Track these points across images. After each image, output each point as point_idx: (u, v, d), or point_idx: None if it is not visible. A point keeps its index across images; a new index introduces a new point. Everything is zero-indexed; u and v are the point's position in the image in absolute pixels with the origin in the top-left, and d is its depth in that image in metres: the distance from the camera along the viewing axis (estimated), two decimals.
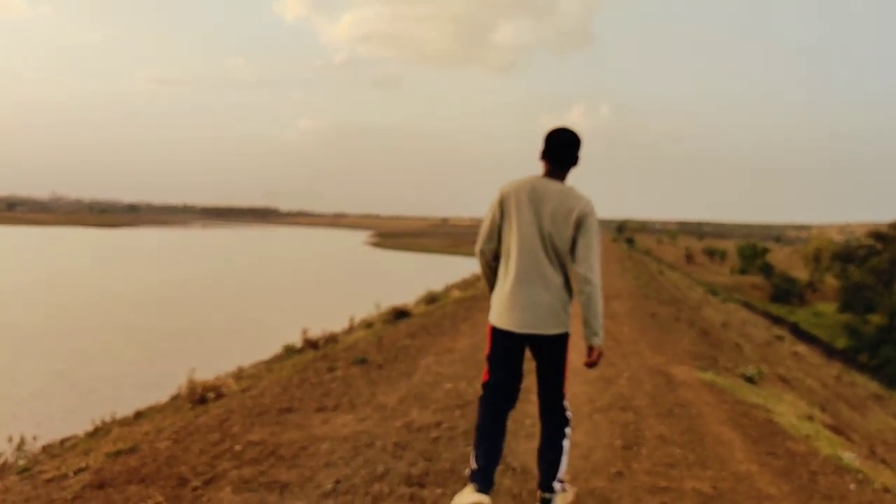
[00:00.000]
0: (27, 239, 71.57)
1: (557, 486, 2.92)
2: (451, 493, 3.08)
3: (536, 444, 3.03)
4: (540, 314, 2.82)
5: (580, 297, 2.85)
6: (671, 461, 3.86)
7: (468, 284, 19.24)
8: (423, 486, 3.25)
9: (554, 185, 2.89)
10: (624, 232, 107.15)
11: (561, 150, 2.91)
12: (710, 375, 6.51)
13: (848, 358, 28.86)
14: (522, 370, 2.97)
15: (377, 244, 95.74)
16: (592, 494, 3.29)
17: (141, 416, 6.89)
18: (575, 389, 5.19)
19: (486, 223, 2.98)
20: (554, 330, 2.84)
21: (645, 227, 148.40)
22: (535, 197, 2.86)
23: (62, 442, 6.54)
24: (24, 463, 4.97)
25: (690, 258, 71.65)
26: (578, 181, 2.96)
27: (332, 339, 8.77)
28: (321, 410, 4.64)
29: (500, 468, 3.02)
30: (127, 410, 7.35)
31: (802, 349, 20.88)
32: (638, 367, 6.60)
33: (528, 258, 2.84)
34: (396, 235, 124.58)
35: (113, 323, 21.22)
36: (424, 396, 5.02)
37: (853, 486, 3.79)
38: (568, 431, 2.97)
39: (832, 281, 48.04)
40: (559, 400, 2.96)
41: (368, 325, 10.53)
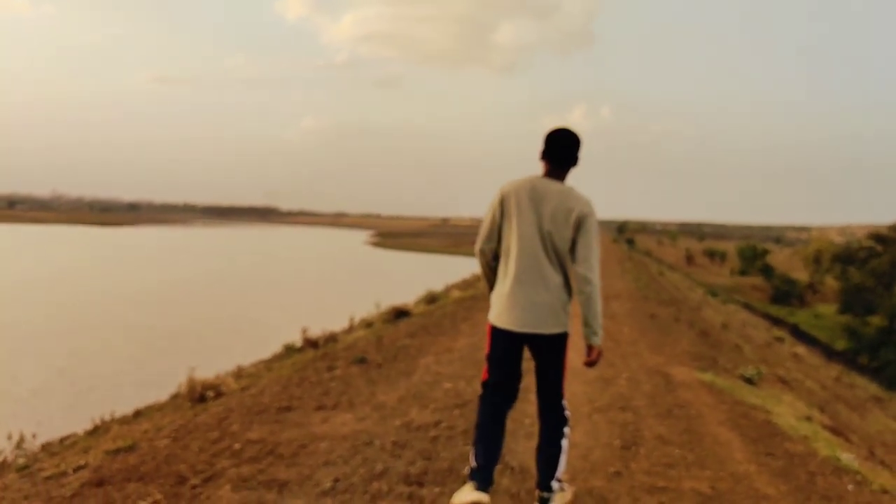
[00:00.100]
0: (28, 237, 71.58)
1: (556, 485, 2.93)
2: (449, 491, 3.09)
3: (535, 443, 3.04)
4: (539, 314, 2.83)
5: (580, 296, 2.86)
6: (670, 461, 3.86)
7: (468, 284, 19.24)
8: (421, 484, 3.26)
9: (554, 185, 2.89)
10: (624, 233, 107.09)
11: (561, 150, 2.92)
12: (709, 376, 6.51)
13: (848, 359, 28.85)
14: (521, 369, 2.98)
15: (377, 244, 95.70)
16: (591, 494, 3.29)
17: (140, 414, 6.90)
18: (574, 389, 5.20)
19: (486, 223, 2.98)
20: (553, 329, 2.85)
21: (645, 227, 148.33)
22: (535, 197, 2.86)
23: (62, 440, 6.55)
24: (23, 461, 4.97)
25: (690, 259, 71.63)
26: (579, 181, 2.96)
27: (331, 338, 8.78)
28: (320, 409, 4.65)
29: (498, 467, 3.03)
30: (126, 409, 7.35)
31: (802, 350, 20.88)
32: (637, 367, 6.60)
33: (527, 258, 2.85)
34: (397, 235, 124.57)
35: (113, 321, 21.22)
36: (423, 396, 5.03)
37: (851, 486, 3.80)
38: (566, 431, 2.98)
39: (832, 282, 48.01)
40: (558, 399, 2.97)
41: (368, 324, 10.54)
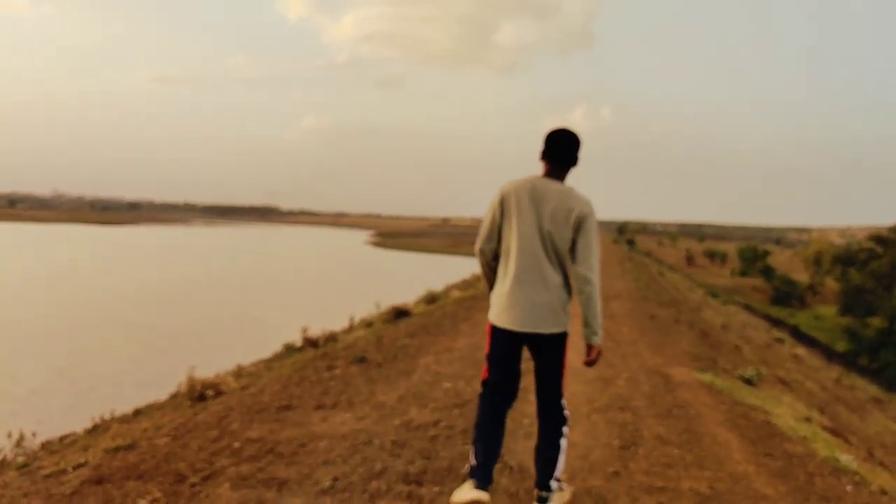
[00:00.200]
0: (28, 236, 71.59)
1: (554, 484, 2.93)
2: (448, 491, 3.09)
3: (534, 443, 3.04)
4: (539, 313, 2.84)
5: (580, 296, 2.87)
6: (668, 461, 3.87)
7: (468, 284, 19.24)
8: (420, 484, 3.27)
9: (554, 185, 2.90)
10: (625, 233, 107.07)
11: (561, 150, 2.92)
12: (708, 377, 6.52)
13: (848, 361, 28.85)
14: (521, 369, 2.99)
15: (378, 244, 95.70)
16: (589, 494, 3.30)
17: (140, 413, 6.90)
18: (573, 389, 5.20)
19: (486, 222, 2.99)
20: (553, 329, 2.86)
21: (646, 228, 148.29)
22: (535, 196, 2.87)
23: (61, 439, 6.55)
24: (23, 459, 4.97)
25: (691, 260, 71.61)
26: (579, 182, 3.00)
27: (331, 337, 8.78)
28: (320, 408, 4.65)
29: (497, 466, 3.03)
30: (126, 408, 7.35)
31: (802, 352, 20.89)
32: (637, 367, 6.60)
33: (527, 258, 2.86)
34: (397, 235, 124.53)
35: (113, 320, 21.23)
36: (423, 395, 5.03)
37: (850, 487, 3.80)
38: (565, 430, 2.99)
39: (833, 284, 48.02)
40: (557, 399, 2.98)
41: (368, 324, 10.55)
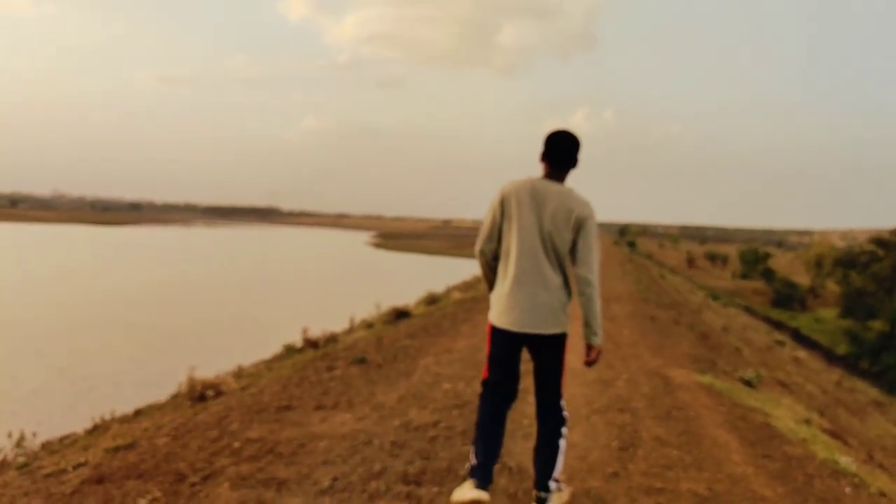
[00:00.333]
0: (29, 236, 71.65)
1: (553, 485, 2.94)
2: (447, 491, 3.10)
3: (533, 444, 3.05)
4: (538, 314, 2.85)
5: (581, 298, 2.88)
6: (667, 463, 3.87)
7: (469, 286, 19.24)
8: (419, 484, 3.27)
9: (554, 186, 2.91)
10: (626, 235, 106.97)
11: (561, 152, 2.93)
12: (708, 379, 6.52)
13: (849, 364, 28.81)
14: (520, 369, 3.00)
15: (379, 245, 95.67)
16: (588, 494, 3.30)
17: (140, 413, 6.91)
18: (573, 391, 5.21)
19: (486, 223, 3.00)
20: (552, 330, 2.87)
21: (647, 230, 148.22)
22: (535, 198, 2.88)
23: (61, 439, 6.56)
24: (23, 459, 4.98)
25: (692, 262, 71.52)
26: (581, 184, 2.99)
27: (332, 338, 8.79)
28: (320, 409, 4.66)
29: (496, 467, 3.04)
30: (127, 408, 7.36)
31: (803, 354, 20.86)
32: (636, 369, 6.61)
33: (527, 258, 2.87)
34: (398, 237, 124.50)
35: (114, 321, 21.24)
36: (423, 396, 5.04)
37: (849, 489, 3.81)
38: (564, 431, 3.00)
39: (834, 287, 47.95)
40: (556, 400, 2.98)
41: (369, 325, 10.55)
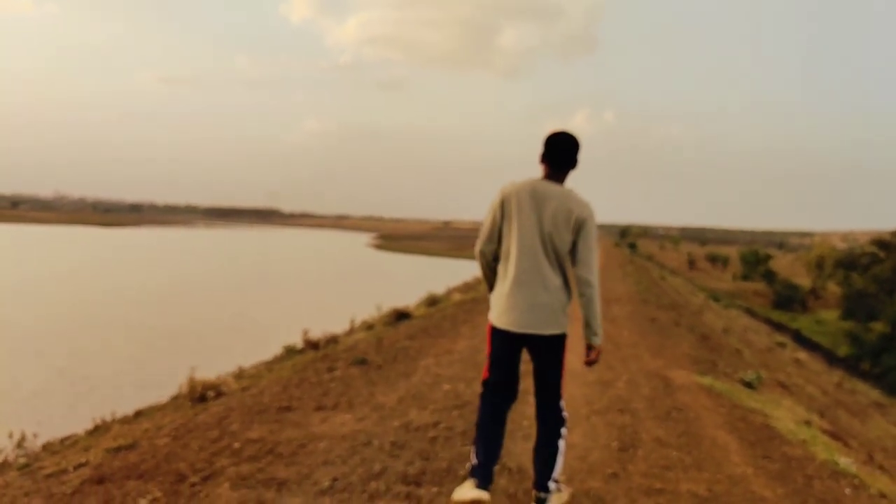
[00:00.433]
0: (30, 237, 71.70)
1: (553, 485, 2.94)
2: (447, 491, 3.11)
3: (533, 444, 3.05)
4: (538, 315, 2.85)
5: (581, 299, 2.89)
6: (667, 463, 3.87)
7: (469, 287, 19.25)
8: (419, 484, 3.28)
9: (554, 187, 2.92)
10: (626, 237, 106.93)
11: (560, 153, 2.94)
12: (708, 380, 6.52)
13: (850, 365, 28.78)
14: (520, 369, 3.01)
15: (380, 246, 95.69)
16: (588, 495, 3.31)
17: (141, 414, 6.92)
18: (573, 392, 5.21)
19: (486, 224, 3.01)
20: (552, 330, 2.87)
21: (647, 232, 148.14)
22: (536, 198, 2.89)
23: (62, 439, 6.56)
24: (24, 460, 4.99)
25: (692, 264, 71.46)
26: (582, 185, 3.00)
27: (332, 339, 8.80)
28: (320, 409, 4.67)
29: (496, 467, 3.04)
30: (127, 409, 7.37)
31: (804, 356, 20.84)
32: (636, 370, 6.61)
33: (527, 259, 2.87)
34: (399, 238, 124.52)
35: (114, 321, 21.26)
36: (423, 397, 5.04)
37: (848, 490, 3.81)
38: (564, 432, 3.00)
39: (835, 288, 47.91)
40: (556, 400, 2.99)
41: (369, 326, 10.56)
